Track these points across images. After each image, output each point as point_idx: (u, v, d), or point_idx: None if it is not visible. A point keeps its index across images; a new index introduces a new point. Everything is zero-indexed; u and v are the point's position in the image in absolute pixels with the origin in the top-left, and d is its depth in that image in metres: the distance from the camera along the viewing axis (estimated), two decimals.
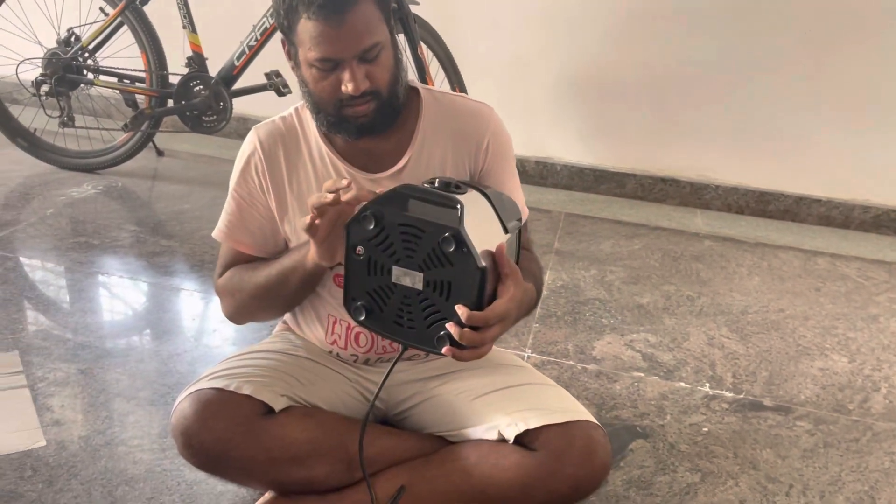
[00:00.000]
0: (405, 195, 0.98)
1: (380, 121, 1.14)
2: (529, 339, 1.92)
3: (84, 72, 2.65)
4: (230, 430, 1.12)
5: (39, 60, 2.63)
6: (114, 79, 2.68)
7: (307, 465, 1.16)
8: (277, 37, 1.17)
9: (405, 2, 2.36)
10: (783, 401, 1.74)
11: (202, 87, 2.56)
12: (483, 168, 1.23)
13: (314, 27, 1.05)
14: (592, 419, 1.17)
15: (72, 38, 2.63)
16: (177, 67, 2.61)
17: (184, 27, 2.56)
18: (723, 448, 1.55)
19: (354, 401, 1.29)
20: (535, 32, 2.95)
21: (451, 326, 0.96)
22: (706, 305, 2.18)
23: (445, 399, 1.25)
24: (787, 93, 2.83)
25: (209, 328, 1.88)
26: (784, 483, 1.46)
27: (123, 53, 2.66)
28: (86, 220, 2.42)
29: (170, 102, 2.63)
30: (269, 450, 1.13)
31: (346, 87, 1.08)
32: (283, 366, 1.23)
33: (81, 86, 2.70)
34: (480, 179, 1.24)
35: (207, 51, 2.58)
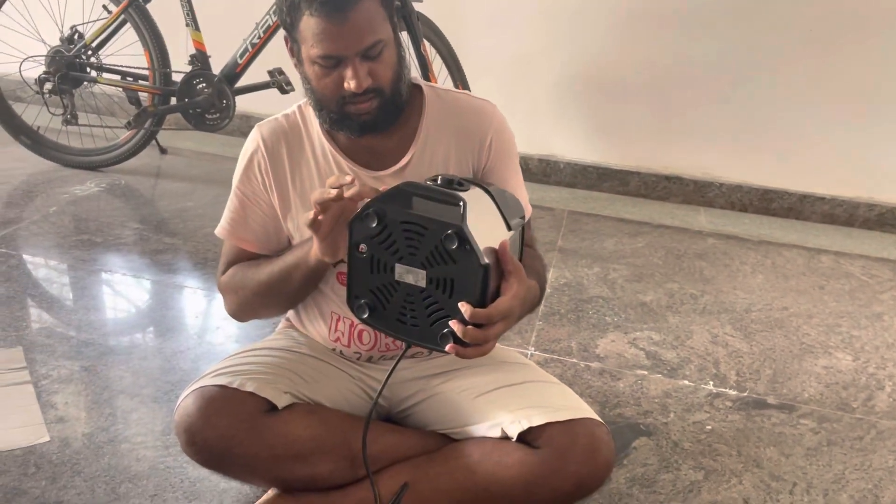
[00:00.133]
0: (408, 192, 0.98)
1: (382, 118, 1.14)
2: (533, 337, 1.91)
3: (87, 69, 2.66)
4: (233, 428, 1.12)
5: (43, 58, 2.63)
6: (117, 76, 2.68)
7: (310, 463, 1.16)
8: (280, 34, 1.17)
9: None
10: (787, 399, 1.74)
11: (205, 85, 2.56)
12: (486, 165, 1.23)
13: (317, 24, 1.05)
14: (596, 417, 1.17)
15: (75, 36, 2.64)
16: (180, 65, 2.61)
17: (187, 25, 2.56)
18: (726, 446, 1.55)
19: (357, 398, 1.29)
20: (539, 30, 2.95)
21: (455, 324, 0.95)
22: (710, 303, 2.18)
23: (448, 396, 1.25)
24: (791, 90, 2.83)
25: (212, 325, 1.88)
26: (788, 481, 1.46)
27: (127, 51, 2.66)
28: (89, 218, 2.42)
29: (173, 100, 2.64)
30: (273, 447, 1.13)
31: (349, 85, 1.08)
32: (287, 363, 1.23)
33: (85, 83, 2.70)
34: (483, 177, 1.23)
35: (210, 48, 2.58)
